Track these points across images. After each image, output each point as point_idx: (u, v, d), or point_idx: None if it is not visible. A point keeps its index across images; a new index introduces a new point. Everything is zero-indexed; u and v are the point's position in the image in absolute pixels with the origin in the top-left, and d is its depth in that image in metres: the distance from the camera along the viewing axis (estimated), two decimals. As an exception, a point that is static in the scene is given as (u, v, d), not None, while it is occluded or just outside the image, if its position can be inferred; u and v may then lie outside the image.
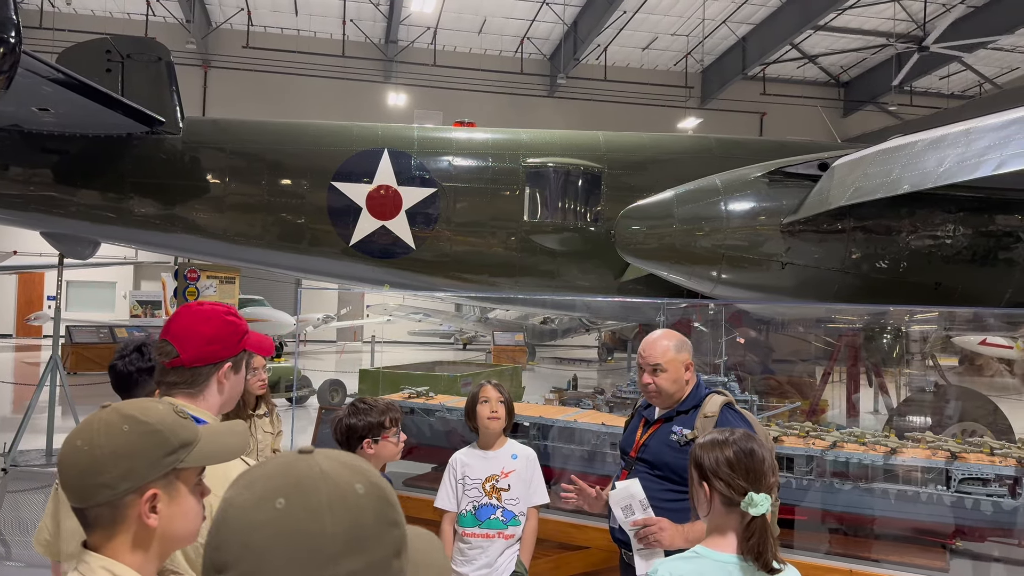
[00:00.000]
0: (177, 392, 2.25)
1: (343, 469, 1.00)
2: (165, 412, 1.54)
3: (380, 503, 1.00)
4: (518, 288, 8.56)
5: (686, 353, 3.29)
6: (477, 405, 3.83)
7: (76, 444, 1.47)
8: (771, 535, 2.25)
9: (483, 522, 3.73)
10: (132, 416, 1.49)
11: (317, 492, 0.96)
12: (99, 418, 1.50)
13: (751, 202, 6.94)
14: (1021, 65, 29.02)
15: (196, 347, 2.24)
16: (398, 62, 28.84)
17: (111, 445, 1.45)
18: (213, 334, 2.27)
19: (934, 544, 4.74)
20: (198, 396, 2.26)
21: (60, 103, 6.91)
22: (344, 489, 0.97)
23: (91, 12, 27.21)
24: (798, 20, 24.59)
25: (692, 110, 30.41)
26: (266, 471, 1.01)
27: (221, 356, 2.28)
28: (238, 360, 2.34)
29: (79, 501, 1.47)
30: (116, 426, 1.47)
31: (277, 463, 1.02)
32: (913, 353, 9.00)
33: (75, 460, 1.46)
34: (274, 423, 4.49)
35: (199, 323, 2.28)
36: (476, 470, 3.79)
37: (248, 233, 8.24)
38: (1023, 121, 5.18)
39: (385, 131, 8.67)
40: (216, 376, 2.28)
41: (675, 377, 3.24)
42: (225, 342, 2.29)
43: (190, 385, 2.25)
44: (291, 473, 0.98)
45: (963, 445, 5.16)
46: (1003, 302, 7.03)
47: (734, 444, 2.36)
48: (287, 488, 0.96)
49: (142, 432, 1.48)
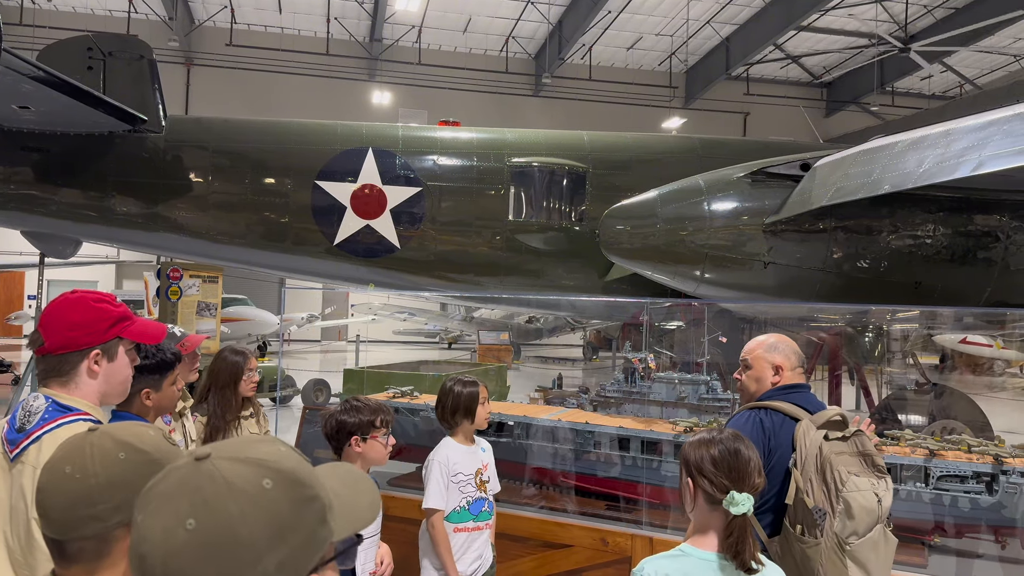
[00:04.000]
0: (50, 381, 2.19)
1: (245, 468, 0.97)
2: (157, 438, 1.44)
3: (291, 489, 0.98)
4: (503, 287, 8.56)
5: (777, 355, 3.25)
6: (478, 405, 3.89)
7: (64, 471, 1.34)
8: (751, 535, 2.28)
9: (477, 515, 3.81)
10: (128, 443, 1.38)
11: (225, 505, 0.94)
12: (90, 443, 1.37)
13: (734, 202, 6.99)
14: (1001, 66, 29.33)
15: (58, 334, 2.18)
16: (383, 61, 28.75)
17: (107, 474, 1.34)
18: (76, 320, 2.19)
19: (913, 540, 4.79)
20: (69, 384, 2.19)
21: (41, 101, 6.84)
22: (252, 492, 0.95)
23: (72, 9, 26.96)
24: (781, 20, 24.74)
25: (676, 110, 30.53)
26: (166, 491, 0.97)
27: (86, 343, 2.20)
28: (109, 347, 2.25)
29: (61, 533, 1.34)
30: (111, 453, 1.36)
31: (175, 479, 0.98)
32: (893, 352, 9.09)
33: (64, 488, 1.33)
34: (260, 424, 4.49)
35: (64, 310, 2.21)
36: (466, 465, 3.83)
37: (231, 232, 8.20)
38: (1002, 122, 5.25)
39: (370, 130, 8.65)
40: (85, 363, 2.20)
41: (759, 375, 3.25)
42: (90, 328, 2.20)
43: (58, 373, 2.18)
44: (193, 490, 0.95)
45: (942, 443, 5.22)
46: (982, 301, 7.11)
47: (720, 443, 2.39)
48: (194, 508, 0.94)
49: (140, 462, 1.36)
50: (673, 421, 5.87)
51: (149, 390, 2.90)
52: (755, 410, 3.12)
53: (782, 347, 3.29)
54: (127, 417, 2.70)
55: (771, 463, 2.94)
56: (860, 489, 2.78)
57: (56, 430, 2.06)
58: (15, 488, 2.01)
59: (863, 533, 2.76)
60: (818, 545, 2.74)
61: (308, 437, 6.28)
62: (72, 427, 2.05)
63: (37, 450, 2.02)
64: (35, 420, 2.09)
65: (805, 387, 3.26)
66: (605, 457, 5.71)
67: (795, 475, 2.86)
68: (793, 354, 3.27)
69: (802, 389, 3.23)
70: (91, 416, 2.17)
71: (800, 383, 3.25)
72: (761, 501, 2.90)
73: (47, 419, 2.09)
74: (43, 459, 1.97)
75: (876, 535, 2.79)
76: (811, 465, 2.84)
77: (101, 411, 2.26)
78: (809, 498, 2.80)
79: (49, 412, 2.11)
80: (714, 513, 2.34)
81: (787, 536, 2.86)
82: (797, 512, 2.83)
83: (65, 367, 2.19)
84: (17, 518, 1.97)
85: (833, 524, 2.74)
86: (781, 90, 32.08)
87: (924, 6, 24.91)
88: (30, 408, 2.13)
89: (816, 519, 2.76)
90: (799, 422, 2.99)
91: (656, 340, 7.77)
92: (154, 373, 2.88)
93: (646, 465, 5.52)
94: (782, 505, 2.92)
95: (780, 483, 2.94)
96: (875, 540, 2.78)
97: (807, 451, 2.88)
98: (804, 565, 2.78)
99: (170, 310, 11.70)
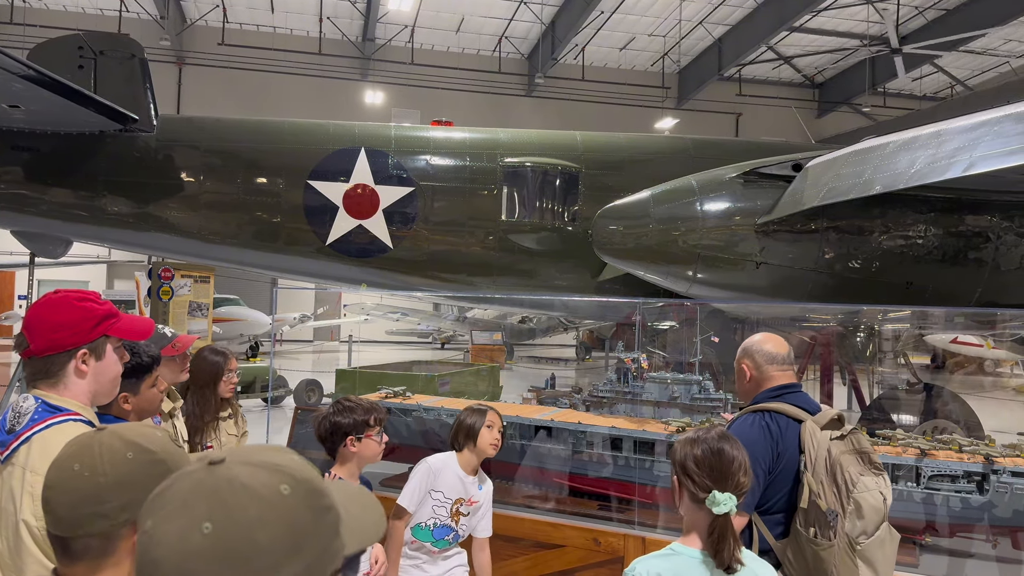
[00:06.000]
0: (39, 383, 2.17)
1: (263, 473, 0.95)
2: (164, 439, 1.46)
3: (309, 496, 0.97)
4: (496, 287, 8.55)
5: (744, 356, 3.31)
6: (482, 428, 3.86)
7: (73, 468, 1.36)
8: (733, 535, 2.30)
9: (437, 541, 3.75)
10: (135, 443, 1.40)
11: (244, 509, 0.91)
12: (99, 442, 1.39)
13: (726, 202, 6.99)
14: (992, 67, 29.47)
15: (43, 336, 2.16)
16: (375, 60, 28.71)
17: (115, 473, 1.36)
18: (60, 321, 2.18)
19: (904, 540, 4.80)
20: (58, 385, 2.17)
21: (31, 100, 6.80)
22: (270, 498, 0.93)
23: (63, 8, 26.83)
24: (774, 21, 24.81)
25: (669, 110, 30.57)
26: (180, 494, 0.94)
27: (72, 343, 2.18)
28: (96, 346, 2.24)
29: (67, 530, 1.35)
30: (120, 453, 1.38)
31: (190, 483, 0.95)
32: (885, 352, 9.12)
33: (73, 486, 1.35)
34: (239, 424, 4.47)
35: (47, 311, 2.20)
36: (451, 489, 3.78)
37: (223, 232, 8.17)
38: (993, 123, 5.27)
39: (362, 130, 8.62)
40: (73, 364, 2.18)
41: (736, 378, 3.35)
42: (75, 328, 2.19)
43: (46, 375, 2.17)
44: (209, 493, 0.93)
45: (933, 442, 5.24)
46: (973, 301, 7.14)
47: (704, 442, 2.41)
48: (210, 511, 0.91)
49: (147, 461, 1.38)
50: (665, 421, 5.88)
51: (127, 394, 2.87)
52: (758, 413, 3.11)
53: (747, 349, 3.32)
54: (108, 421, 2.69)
55: (780, 466, 2.97)
56: (869, 489, 2.82)
57: (46, 431, 2.04)
58: (4, 490, 1.99)
59: (872, 532, 2.79)
60: (832, 547, 2.77)
61: (300, 437, 6.26)
62: (63, 427, 2.04)
63: (27, 451, 2.01)
64: (25, 421, 2.08)
65: (797, 387, 3.26)
66: (598, 457, 5.71)
67: (807, 478, 2.88)
68: (765, 356, 3.26)
69: (795, 389, 3.24)
70: (82, 416, 2.15)
71: (792, 383, 3.26)
72: (771, 503, 2.95)
73: (37, 420, 2.08)
74: (33, 460, 1.95)
75: (883, 533, 2.83)
76: (821, 467, 2.87)
77: (92, 411, 2.24)
78: (822, 500, 2.82)
79: (39, 413, 2.10)
80: (700, 511, 2.36)
81: (798, 538, 2.88)
82: (810, 515, 2.85)
83: (53, 368, 2.17)
84: (6, 520, 1.95)
85: (844, 525, 2.77)
86: (773, 91, 32.15)
87: (915, 7, 25.00)
88: (20, 409, 2.11)
89: (829, 521, 2.79)
90: (803, 423, 3.01)
91: (649, 340, 7.78)
92: (130, 377, 2.83)
93: (638, 465, 5.52)
94: (791, 507, 2.95)
95: (789, 486, 2.97)
96: (882, 538, 2.82)
97: (816, 453, 2.89)
98: (817, 567, 2.81)
99: (161, 310, 11.66)
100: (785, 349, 3.30)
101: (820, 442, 2.91)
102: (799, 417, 3.04)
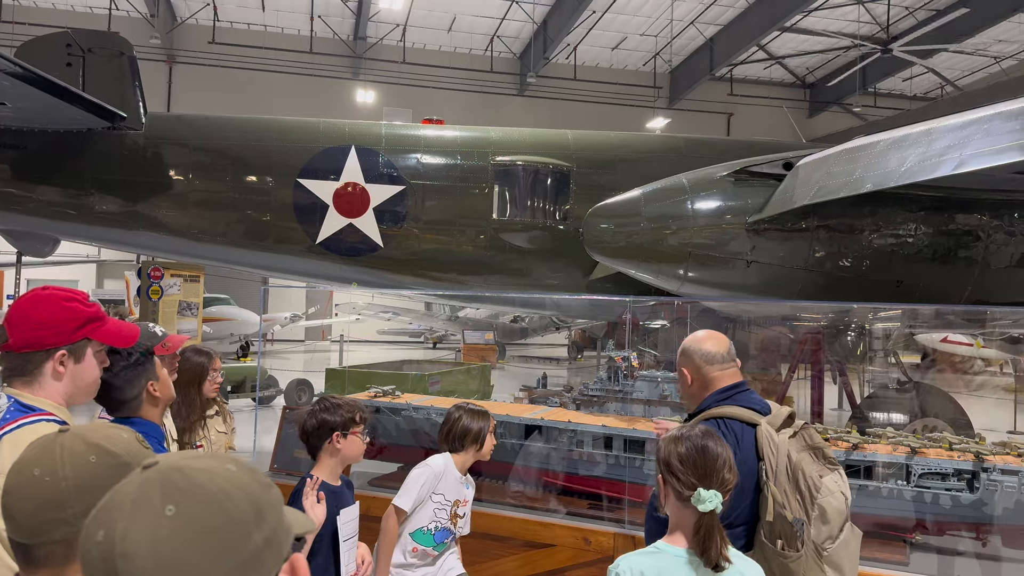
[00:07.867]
0: (14, 380, 2.13)
1: (205, 460, 0.97)
2: (130, 441, 1.41)
3: (254, 473, 0.99)
4: (487, 286, 8.53)
5: (684, 360, 3.15)
6: (486, 435, 3.89)
7: (33, 473, 1.31)
8: (720, 533, 2.28)
9: (438, 544, 3.75)
10: (99, 446, 1.35)
11: (201, 486, 0.93)
12: (60, 444, 1.34)
13: (717, 201, 7.00)
14: (982, 68, 29.61)
15: (23, 332, 2.12)
16: (367, 59, 28.66)
17: (77, 478, 1.30)
18: (43, 319, 2.14)
19: (894, 538, 4.81)
20: (33, 384, 2.14)
21: (18, 97, 6.75)
22: (224, 473, 0.95)
23: (52, 5, 26.69)
24: (765, 21, 24.88)
25: (660, 110, 30.62)
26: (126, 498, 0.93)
27: (52, 342, 2.14)
28: (76, 348, 2.19)
29: (28, 536, 1.30)
30: (82, 456, 1.32)
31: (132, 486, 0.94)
32: (875, 350, 9.13)
33: (33, 492, 1.30)
34: (227, 421, 4.46)
35: (32, 307, 2.16)
36: (451, 491, 3.79)
37: (212, 230, 8.12)
38: (982, 122, 5.28)
39: (353, 128, 8.59)
40: (50, 364, 2.14)
41: (679, 383, 3.23)
42: (58, 328, 2.15)
43: (22, 372, 2.13)
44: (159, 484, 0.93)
45: (923, 441, 5.24)
46: (963, 300, 7.16)
47: (688, 440, 2.40)
48: (167, 497, 0.91)
49: (111, 464, 1.32)
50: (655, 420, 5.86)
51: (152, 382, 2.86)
52: (710, 420, 2.91)
53: (686, 351, 3.17)
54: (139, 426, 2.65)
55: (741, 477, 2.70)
56: (832, 492, 2.72)
57: (17, 431, 2.01)
58: None
59: (836, 536, 2.71)
60: (800, 557, 2.66)
61: (288, 437, 6.23)
62: (34, 427, 2.01)
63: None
64: None
65: (744, 385, 3.08)
66: (588, 456, 5.69)
67: (772, 489, 2.74)
68: (704, 356, 3.09)
69: (743, 388, 3.06)
70: (55, 416, 2.11)
71: (738, 382, 3.07)
72: (732, 517, 2.75)
73: (8, 419, 2.04)
74: (2, 460, 1.92)
75: (846, 534, 2.75)
76: (783, 475, 2.74)
77: (67, 411, 2.20)
78: (788, 511, 2.70)
79: (11, 412, 2.06)
80: (685, 510, 2.34)
81: (764, 551, 2.74)
82: (776, 527, 2.72)
83: (29, 366, 2.14)
84: None
85: (810, 532, 2.68)
86: (764, 91, 32.25)
87: (906, 8, 25.10)
88: None
89: (796, 530, 2.68)
90: (758, 428, 2.86)
91: (640, 339, 7.77)
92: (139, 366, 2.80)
93: (628, 464, 5.51)
94: (754, 519, 2.82)
95: (751, 497, 2.82)
96: (846, 539, 2.74)
97: (777, 460, 2.77)
98: None
99: (151, 309, 11.60)
100: (725, 346, 3.12)
101: (779, 448, 2.78)
102: (753, 421, 2.89)
